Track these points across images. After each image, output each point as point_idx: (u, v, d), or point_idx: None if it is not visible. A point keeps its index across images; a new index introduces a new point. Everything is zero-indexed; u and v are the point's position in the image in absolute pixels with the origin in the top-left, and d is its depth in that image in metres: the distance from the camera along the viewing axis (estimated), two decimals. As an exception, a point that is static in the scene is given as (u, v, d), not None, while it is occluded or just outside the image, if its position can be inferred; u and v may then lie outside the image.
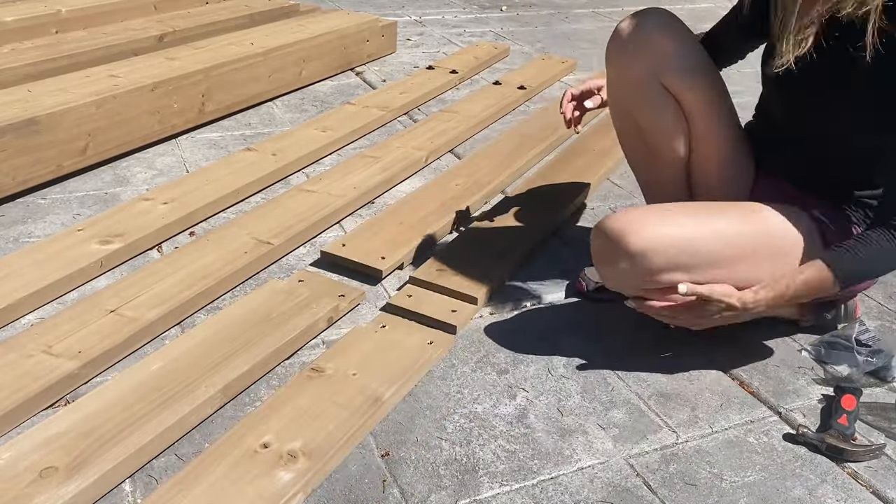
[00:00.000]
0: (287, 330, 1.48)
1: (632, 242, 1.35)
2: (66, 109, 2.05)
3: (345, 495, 1.18)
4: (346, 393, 1.34)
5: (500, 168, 2.22)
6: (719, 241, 1.39)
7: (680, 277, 1.37)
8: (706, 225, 1.40)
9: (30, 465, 1.15)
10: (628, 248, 1.35)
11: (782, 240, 1.42)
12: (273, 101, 2.78)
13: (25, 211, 1.96)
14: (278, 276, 1.72)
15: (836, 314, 1.59)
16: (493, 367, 1.48)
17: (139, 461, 1.20)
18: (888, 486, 1.25)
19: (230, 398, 1.35)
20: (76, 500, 1.11)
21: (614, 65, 1.59)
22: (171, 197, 1.95)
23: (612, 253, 1.39)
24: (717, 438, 1.33)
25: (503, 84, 2.95)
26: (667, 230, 1.37)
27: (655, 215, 1.41)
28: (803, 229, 1.44)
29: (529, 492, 1.20)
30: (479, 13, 4.23)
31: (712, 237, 1.39)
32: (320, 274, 1.71)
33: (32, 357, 1.36)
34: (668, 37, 1.52)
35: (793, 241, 1.43)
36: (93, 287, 1.65)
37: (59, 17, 2.90)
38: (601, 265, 1.44)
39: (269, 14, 3.36)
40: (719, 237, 1.39)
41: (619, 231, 1.37)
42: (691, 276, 1.37)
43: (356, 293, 1.62)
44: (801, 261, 1.42)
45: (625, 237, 1.36)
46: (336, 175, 2.12)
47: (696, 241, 1.38)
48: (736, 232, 1.41)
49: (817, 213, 1.46)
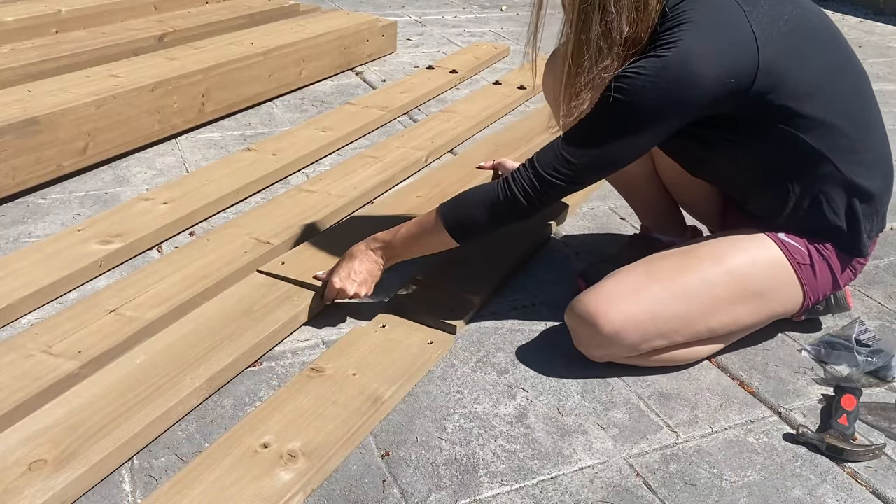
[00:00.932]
0: (269, 322, 1.49)
1: (603, 326, 1.38)
2: (66, 109, 2.05)
3: (345, 495, 1.18)
4: (346, 393, 1.34)
5: (466, 179, 2.11)
6: (689, 304, 1.39)
7: (660, 343, 1.41)
8: (674, 289, 1.38)
9: (19, 459, 1.15)
10: (602, 332, 1.38)
11: (752, 280, 1.40)
12: (273, 101, 2.78)
13: (25, 211, 1.96)
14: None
15: (828, 304, 1.57)
16: (493, 367, 1.48)
17: (127, 453, 1.21)
18: (888, 486, 1.25)
19: (215, 390, 1.36)
20: (66, 491, 1.12)
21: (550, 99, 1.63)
22: (171, 197, 1.95)
23: (588, 337, 1.42)
24: (717, 438, 1.33)
25: (503, 84, 2.95)
26: (635, 307, 1.37)
27: (622, 292, 1.39)
28: (770, 259, 1.41)
29: (529, 492, 1.20)
30: (479, 13, 4.23)
31: (682, 302, 1.38)
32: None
33: (32, 357, 1.36)
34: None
35: (763, 276, 1.41)
36: (93, 287, 1.65)
37: (59, 17, 2.90)
38: (581, 347, 1.46)
39: (269, 14, 3.37)
40: (688, 299, 1.38)
41: (589, 316, 1.39)
42: (671, 340, 1.41)
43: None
44: (778, 293, 1.42)
45: (596, 322, 1.38)
46: (336, 175, 2.12)
47: (665, 312, 1.38)
48: (704, 289, 1.39)
49: (783, 235, 1.43)
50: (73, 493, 1.14)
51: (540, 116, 2.61)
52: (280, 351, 1.49)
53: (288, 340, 1.52)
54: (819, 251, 1.43)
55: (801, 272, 1.42)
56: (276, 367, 1.45)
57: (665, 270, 1.42)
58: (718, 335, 1.46)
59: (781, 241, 1.42)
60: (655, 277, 1.41)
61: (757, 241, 1.43)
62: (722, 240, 1.46)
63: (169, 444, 1.26)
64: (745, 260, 1.41)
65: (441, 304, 1.59)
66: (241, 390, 1.39)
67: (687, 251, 1.46)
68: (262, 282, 1.62)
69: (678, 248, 1.49)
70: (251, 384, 1.40)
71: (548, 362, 1.49)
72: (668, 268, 1.42)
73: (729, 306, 1.40)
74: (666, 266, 1.43)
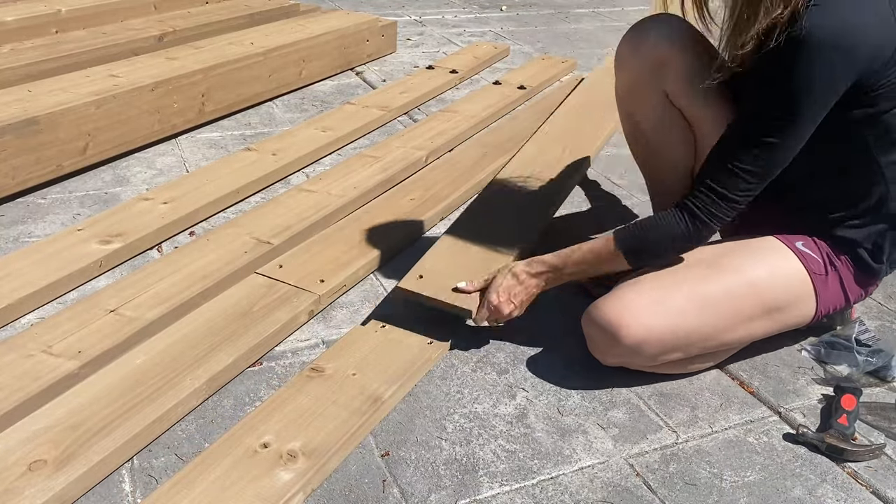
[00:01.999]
0: (269, 322, 1.49)
1: (624, 337, 1.36)
2: (65, 109, 2.05)
3: (345, 495, 1.18)
4: (346, 393, 1.34)
5: (459, 181, 2.12)
6: (711, 318, 1.37)
7: (676, 356, 1.40)
8: (697, 300, 1.36)
9: (19, 459, 1.16)
10: (622, 343, 1.37)
11: (772, 293, 1.39)
12: (273, 101, 2.78)
13: (25, 211, 1.96)
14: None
15: (831, 318, 1.58)
16: (493, 366, 1.48)
17: (127, 453, 1.21)
18: (888, 486, 1.25)
19: (215, 390, 1.36)
20: (66, 491, 1.12)
21: (622, 69, 1.56)
22: (171, 197, 1.95)
23: (607, 346, 1.40)
24: (717, 438, 1.33)
25: (503, 84, 2.95)
26: (658, 320, 1.35)
27: (645, 302, 1.37)
28: (790, 272, 1.40)
29: (529, 492, 1.20)
30: (479, 13, 4.23)
31: (705, 315, 1.37)
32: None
33: (32, 357, 1.36)
34: (677, 47, 1.47)
35: (782, 289, 1.40)
36: (93, 287, 1.65)
37: (59, 17, 2.90)
38: (597, 353, 1.44)
39: (269, 14, 3.36)
40: (710, 314, 1.37)
41: (610, 326, 1.37)
42: (686, 353, 1.40)
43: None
44: (795, 307, 1.41)
45: (617, 332, 1.36)
46: (336, 175, 2.12)
47: (686, 325, 1.36)
48: (726, 303, 1.37)
49: (801, 244, 1.42)
50: (73, 494, 1.14)
51: (527, 118, 2.61)
52: (280, 351, 1.49)
53: (288, 340, 1.52)
54: (833, 263, 1.42)
55: (817, 282, 1.41)
56: (276, 367, 1.45)
57: (688, 281, 1.39)
58: (730, 347, 1.46)
59: (799, 252, 1.41)
60: (679, 289, 1.38)
61: (777, 253, 1.42)
62: (740, 248, 1.44)
63: (169, 444, 1.26)
64: (766, 272, 1.39)
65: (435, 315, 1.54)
66: (241, 390, 1.39)
67: (707, 262, 1.42)
68: (262, 282, 1.62)
69: (695, 256, 1.44)
70: (251, 384, 1.40)
71: (548, 362, 1.49)
72: (691, 278, 1.40)
73: (748, 321, 1.40)
74: (690, 276, 1.40)
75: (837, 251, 1.43)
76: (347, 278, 1.67)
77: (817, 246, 1.43)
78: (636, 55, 1.52)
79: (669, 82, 1.50)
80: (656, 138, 1.59)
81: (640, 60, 1.51)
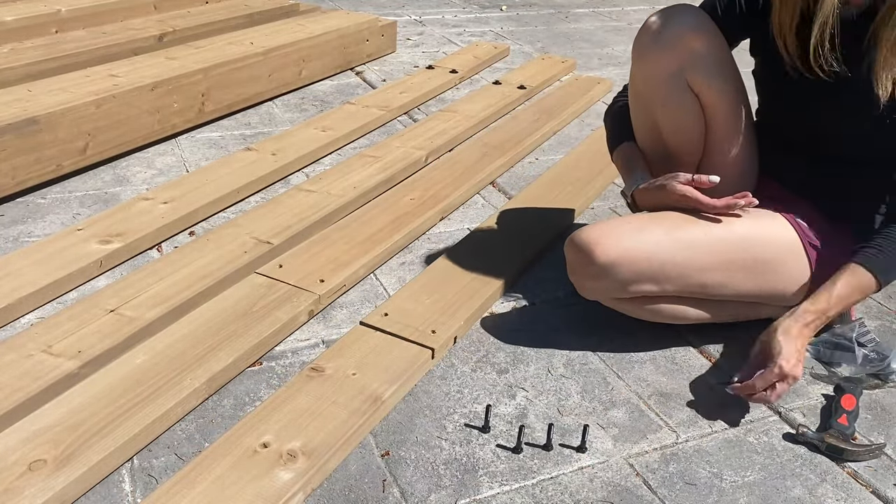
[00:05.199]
0: (269, 322, 1.49)
1: (599, 255, 1.39)
2: (65, 109, 2.05)
3: (345, 495, 1.18)
4: (345, 393, 1.34)
5: (459, 181, 2.13)
6: (689, 252, 1.39)
7: (650, 288, 1.41)
8: (676, 235, 1.40)
9: (19, 458, 1.15)
10: (596, 261, 1.39)
11: (758, 246, 1.41)
12: (273, 101, 2.78)
13: (25, 211, 1.96)
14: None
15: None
16: (493, 366, 1.48)
17: (127, 453, 1.21)
18: (888, 486, 1.25)
19: (215, 390, 1.36)
20: (66, 491, 1.12)
21: (642, 59, 1.55)
22: (171, 196, 1.95)
23: (582, 265, 1.43)
24: (716, 438, 1.33)
25: (503, 84, 2.95)
26: (633, 243, 1.39)
27: (624, 229, 1.42)
28: (781, 232, 1.43)
29: (529, 491, 1.20)
30: (479, 13, 4.23)
31: (682, 249, 1.39)
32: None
33: (32, 357, 1.36)
34: (699, 35, 1.49)
35: (770, 244, 1.42)
36: (92, 287, 1.65)
37: (59, 17, 2.90)
38: (574, 276, 1.48)
39: (269, 14, 3.36)
40: (690, 249, 1.39)
41: (587, 244, 1.41)
42: (661, 287, 1.41)
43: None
44: (784, 266, 1.42)
45: (593, 251, 1.40)
46: (336, 175, 2.12)
47: (663, 254, 1.39)
48: (707, 242, 1.40)
49: (797, 217, 1.45)
50: (73, 493, 1.14)
51: (528, 117, 2.61)
52: (280, 351, 1.49)
53: (288, 340, 1.52)
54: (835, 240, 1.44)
55: (811, 253, 1.43)
56: (276, 367, 1.45)
57: (671, 219, 1.44)
58: (710, 294, 1.46)
59: (796, 223, 1.44)
60: (660, 223, 1.43)
61: (770, 216, 1.45)
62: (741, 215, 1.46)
63: (169, 444, 1.26)
64: (755, 228, 1.43)
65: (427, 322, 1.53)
66: (241, 390, 1.39)
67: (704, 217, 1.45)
68: (261, 282, 1.62)
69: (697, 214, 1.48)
70: (251, 384, 1.40)
71: (548, 362, 1.49)
72: (675, 217, 1.44)
73: (728, 265, 1.41)
74: (673, 216, 1.45)
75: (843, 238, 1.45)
76: (347, 278, 1.67)
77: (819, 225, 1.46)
78: (657, 44, 1.50)
79: (691, 68, 1.50)
80: (673, 126, 1.57)
81: (665, 48, 1.50)
